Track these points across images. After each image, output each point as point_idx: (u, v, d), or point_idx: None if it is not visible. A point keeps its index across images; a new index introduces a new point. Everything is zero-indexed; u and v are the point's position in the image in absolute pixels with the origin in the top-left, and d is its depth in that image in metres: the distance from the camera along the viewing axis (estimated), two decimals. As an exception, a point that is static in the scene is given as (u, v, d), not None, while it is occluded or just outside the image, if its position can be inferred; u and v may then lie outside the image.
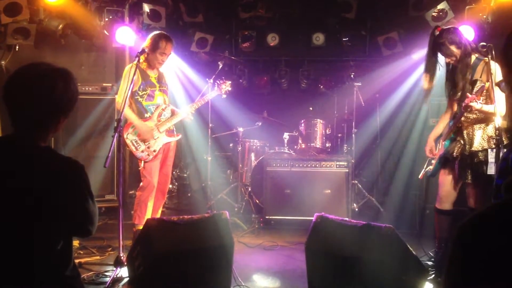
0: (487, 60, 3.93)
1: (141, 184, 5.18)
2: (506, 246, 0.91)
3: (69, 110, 2.22)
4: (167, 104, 5.30)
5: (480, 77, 4.05)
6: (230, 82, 5.86)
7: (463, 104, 4.00)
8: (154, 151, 5.11)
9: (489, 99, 4.06)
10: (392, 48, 7.35)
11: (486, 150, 4.08)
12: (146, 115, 5.11)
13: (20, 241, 2.06)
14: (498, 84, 3.80)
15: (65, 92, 2.17)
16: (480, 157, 4.10)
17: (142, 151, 5.07)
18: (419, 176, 4.54)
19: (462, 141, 4.20)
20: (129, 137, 5.01)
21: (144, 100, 5.12)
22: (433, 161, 4.42)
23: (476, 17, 6.26)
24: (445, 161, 4.35)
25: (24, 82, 2.13)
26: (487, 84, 3.94)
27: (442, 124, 4.52)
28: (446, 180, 4.37)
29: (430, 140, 4.56)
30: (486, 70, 3.99)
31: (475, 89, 4.06)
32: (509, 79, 1.06)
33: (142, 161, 5.11)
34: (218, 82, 5.81)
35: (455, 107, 4.34)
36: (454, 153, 4.21)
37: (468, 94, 4.01)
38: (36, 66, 2.17)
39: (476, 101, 3.92)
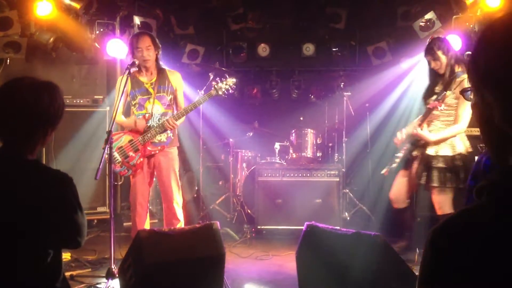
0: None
1: None
2: (477, 250, 0.94)
3: (57, 123, 2.24)
4: (155, 113, 4.89)
5: (454, 89, 4.22)
6: (234, 80, 5.11)
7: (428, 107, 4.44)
8: (134, 165, 4.84)
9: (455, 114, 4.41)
10: (381, 57, 7.43)
11: (445, 156, 4.42)
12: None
13: (9, 255, 2.07)
14: (463, 92, 4.01)
15: (51, 104, 2.18)
16: (439, 162, 4.44)
17: (121, 166, 4.82)
18: (383, 172, 4.78)
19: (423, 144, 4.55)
20: (107, 151, 4.60)
21: (136, 109, 4.93)
22: (397, 160, 4.67)
23: (463, 27, 6.34)
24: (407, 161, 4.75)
25: (9, 96, 2.15)
26: (448, 93, 4.15)
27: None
28: (401, 180, 4.86)
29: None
30: (461, 85, 4.17)
31: (439, 96, 4.29)
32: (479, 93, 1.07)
33: (122, 177, 4.89)
34: (216, 81, 5.11)
35: None
36: (414, 153, 4.66)
37: (434, 100, 4.29)
38: (20, 80, 2.19)
39: (438, 108, 4.30)
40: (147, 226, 5.05)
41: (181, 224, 5.03)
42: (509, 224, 0.92)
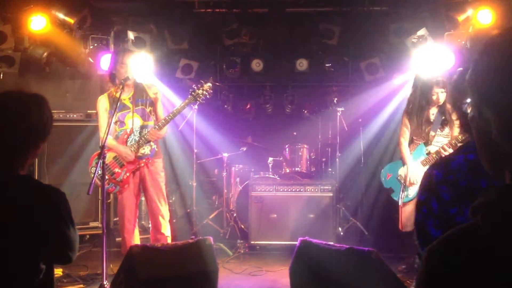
0: None
1: None
2: (470, 270, 0.93)
3: (46, 136, 2.21)
4: (135, 126, 4.89)
5: None
6: (209, 84, 5.08)
7: None
8: (121, 181, 4.82)
9: None
10: (374, 73, 7.47)
11: None
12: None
13: (0, 271, 2.04)
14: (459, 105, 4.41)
15: (40, 118, 2.16)
16: None
17: (108, 183, 4.77)
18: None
19: None
20: (93, 170, 4.59)
21: (118, 127, 4.91)
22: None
23: (455, 43, 6.40)
24: None
25: None
26: None
27: None
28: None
29: None
30: None
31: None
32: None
33: (110, 194, 4.82)
34: (193, 87, 5.09)
35: None
36: None
37: None
38: (7, 95, 2.16)
39: None
40: (137, 241, 5.02)
41: (167, 240, 4.98)
42: (503, 245, 0.92)
